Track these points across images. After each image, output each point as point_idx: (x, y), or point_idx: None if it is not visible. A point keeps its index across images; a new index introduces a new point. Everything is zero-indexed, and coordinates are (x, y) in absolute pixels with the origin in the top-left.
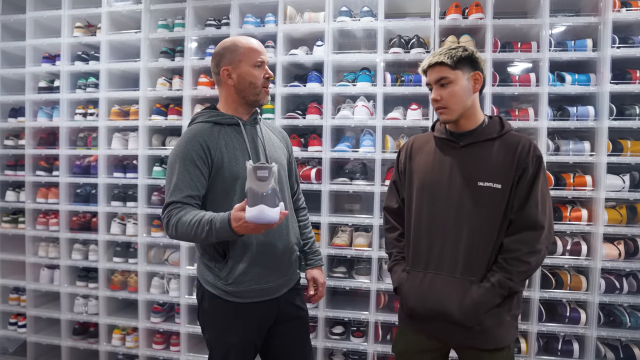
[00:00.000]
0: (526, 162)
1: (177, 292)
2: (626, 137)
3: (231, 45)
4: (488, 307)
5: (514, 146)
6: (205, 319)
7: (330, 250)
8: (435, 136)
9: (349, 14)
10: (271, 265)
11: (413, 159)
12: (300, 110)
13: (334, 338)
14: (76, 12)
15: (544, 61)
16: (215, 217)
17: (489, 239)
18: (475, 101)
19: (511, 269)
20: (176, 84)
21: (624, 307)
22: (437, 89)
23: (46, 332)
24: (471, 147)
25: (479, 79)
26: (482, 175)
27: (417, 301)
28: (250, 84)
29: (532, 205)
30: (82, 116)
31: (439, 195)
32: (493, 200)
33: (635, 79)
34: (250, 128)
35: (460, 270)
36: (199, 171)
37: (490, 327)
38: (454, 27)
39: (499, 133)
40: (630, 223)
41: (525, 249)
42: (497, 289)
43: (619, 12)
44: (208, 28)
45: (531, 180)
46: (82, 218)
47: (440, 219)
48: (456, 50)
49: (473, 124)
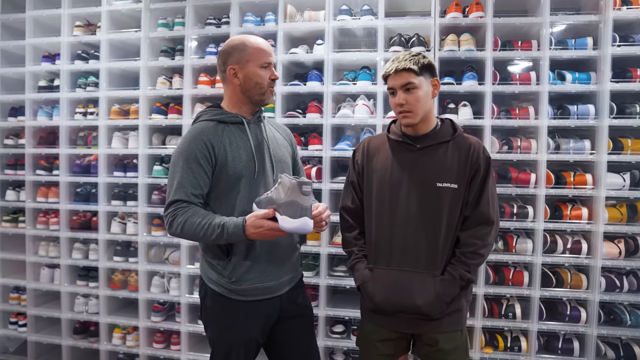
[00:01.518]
0: (478, 163)
1: (177, 291)
2: (627, 135)
3: (239, 44)
4: (450, 298)
5: (466, 148)
6: (207, 317)
7: (331, 249)
8: (391, 138)
9: (349, 13)
10: (274, 263)
11: (371, 160)
12: (300, 109)
13: (334, 337)
14: (76, 11)
15: (545, 60)
16: (228, 222)
17: (448, 235)
18: (432, 106)
19: (469, 262)
20: (176, 83)
21: (624, 305)
22: (402, 93)
23: (47, 331)
24: (427, 149)
25: (437, 85)
26: (440, 176)
27: (383, 297)
28: (257, 84)
29: (484, 202)
30: (82, 115)
31: (399, 195)
32: (451, 199)
33: (636, 78)
34: (254, 126)
35: (424, 265)
36: (203, 170)
37: (450, 312)
38: (454, 26)
39: (451, 136)
40: (631, 221)
41: (480, 243)
42: (458, 281)
43: (620, 10)
44: (208, 27)
45: (482, 180)
46: (82, 217)
47: (401, 218)
48: (419, 57)
49: (428, 127)
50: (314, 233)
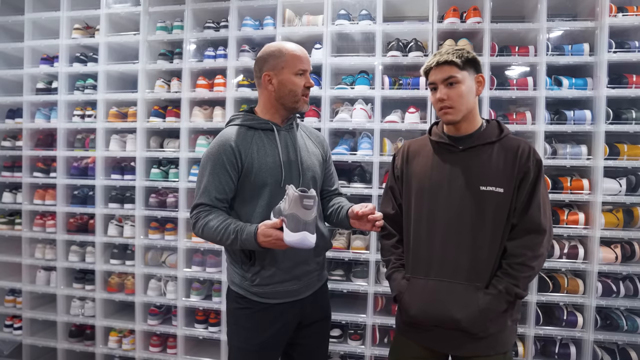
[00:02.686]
0: (527, 166)
1: (174, 294)
2: (623, 141)
3: (275, 51)
4: (494, 314)
5: (514, 150)
6: (231, 319)
7: (328, 253)
8: (432, 140)
9: (347, 17)
10: (297, 267)
11: (410, 163)
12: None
13: (331, 341)
14: (75, 13)
15: (542, 65)
16: (242, 228)
17: (493, 244)
18: (476, 104)
19: (517, 274)
20: (174, 86)
21: (621, 310)
22: (443, 88)
23: (42, 334)
24: (471, 151)
25: (482, 82)
26: (484, 179)
27: (419, 309)
28: (290, 91)
29: (535, 209)
30: (80, 118)
31: (439, 200)
32: (496, 204)
33: (632, 84)
34: (285, 133)
35: (465, 276)
36: (228, 175)
37: (493, 333)
38: (452, 31)
39: (498, 137)
40: (627, 226)
41: (530, 254)
42: (504, 295)
43: (615, 17)
44: (207, 30)
45: (532, 184)
46: (79, 220)
47: (441, 224)
48: (462, 51)
49: (472, 128)
50: None
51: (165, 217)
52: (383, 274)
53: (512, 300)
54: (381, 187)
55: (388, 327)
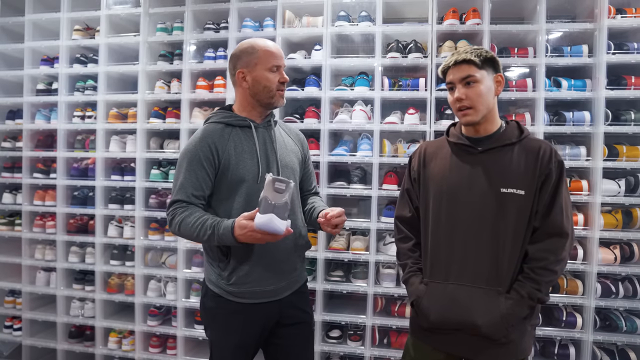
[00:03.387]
0: (549, 168)
1: (174, 295)
2: (622, 142)
3: (248, 48)
4: (516, 320)
5: (535, 151)
6: (207, 318)
7: (328, 254)
8: (450, 141)
9: (347, 19)
10: (274, 267)
11: (427, 166)
12: (298, 114)
13: (330, 342)
14: (75, 14)
15: (541, 66)
16: (219, 223)
17: (515, 247)
18: (495, 104)
19: (539, 279)
20: (174, 87)
21: (620, 311)
22: (462, 87)
23: (42, 335)
24: (490, 152)
25: (501, 82)
26: (504, 181)
27: (438, 314)
28: (265, 87)
29: (557, 211)
30: (80, 119)
31: (458, 203)
32: (517, 206)
33: (630, 85)
34: (263, 130)
35: (486, 280)
36: (205, 172)
37: (514, 339)
38: (451, 33)
39: (518, 138)
40: (626, 228)
41: (552, 258)
42: (527, 300)
43: (614, 18)
44: (207, 32)
45: (555, 186)
46: (79, 221)
47: (461, 227)
48: (481, 50)
49: (492, 129)
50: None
51: (165, 218)
52: (382, 275)
53: (534, 305)
54: (381, 188)
55: (387, 328)
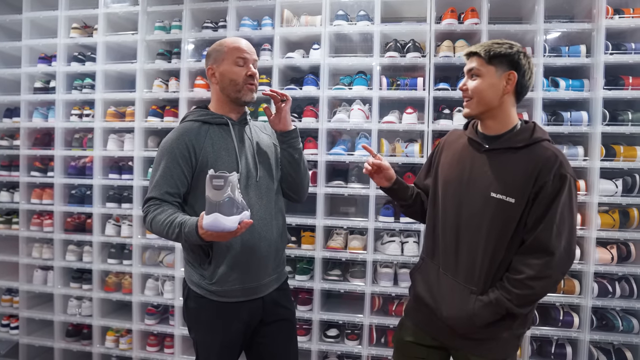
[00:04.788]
0: (545, 180)
1: (171, 294)
2: (619, 142)
3: (217, 45)
4: (483, 322)
5: (537, 160)
6: (190, 319)
7: (325, 253)
8: (466, 134)
9: (345, 18)
10: (255, 265)
11: (442, 154)
12: (296, 113)
13: (328, 341)
14: (73, 13)
15: (539, 66)
16: (186, 221)
17: (494, 253)
18: (505, 103)
19: (512, 290)
20: (172, 86)
21: (617, 311)
22: (467, 78)
23: (39, 333)
24: (493, 153)
25: (512, 80)
26: (496, 186)
27: (425, 290)
28: (231, 81)
29: (546, 227)
30: (78, 117)
31: (452, 196)
32: (504, 214)
33: (628, 85)
34: (240, 128)
35: (463, 277)
36: (181, 170)
37: (484, 338)
38: (449, 32)
39: (526, 142)
40: (623, 227)
41: (530, 273)
42: (494, 306)
43: (612, 19)
44: (205, 30)
45: (549, 200)
46: (76, 219)
47: (451, 221)
48: (498, 45)
49: (502, 128)
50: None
51: None
52: (380, 274)
53: (503, 313)
54: (379, 187)
55: (385, 327)
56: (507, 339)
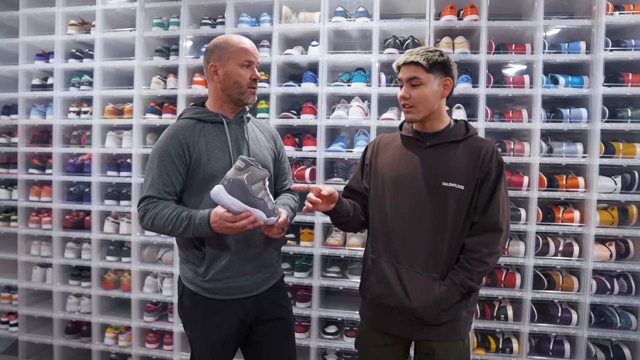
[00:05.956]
0: (489, 167)
1: (170, 291)
2: (618, 139)
3: (222, 43)
4: (449, 305)
5: (478, 150)
6: (185, 316)
7: (324, 250)
8: (402, 135)
9: (344, 14)
10: (249, 262)
11: (379, 156)
12: (294, 110)
13: (327, 337)
14: (70, 9)
15: (538, 63)
16: (195, 213)
17: (451, 238)
18: (441, 106)
19: (472, 269)
20: (171, 83)
21: (615, 307)
22: (407, 87)
23: (38, 331)
24: (437, 147)
25: (449, 85)
26: (446, 175)
27: (381, 292)
28: (236, 82)
29: (494, 208)
30: (76, 114)
31: (403, 191)
32: (457, 200)
33: (628, 82)
34: (235, 126)
35: (423, 267)
36: (176, 168)
37: (446, 321)
38: (448, 28)
39: (463, 136)
40: (622, 224)
41: (486, 250)
42: (459, 287)
43: (612, 15)
44: (203, 27)
45: (494, 184)
46: (75, 216)
47: (405, 215)
48: (433, 54)
49: (439, 126)
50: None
51: None
52: None
53: (465, 292)
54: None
55: None
56: (465, 317)
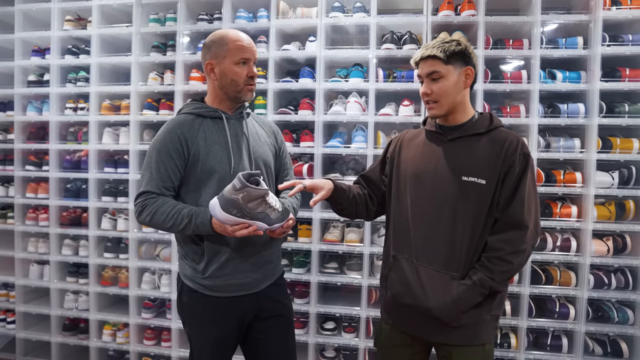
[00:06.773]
0: (512, 159)
1: (168, 287)
2: (615, 134)
3: (219, 39)
4: (468, 305)
5: (501, 142)
6: (184, 313)
7: (322, 246)
8: (425, 129)
9: (341, 10)
10: (249, 260)
11: (402, 151)
12: (292, 106)
13: (325, 333)
14: (66, 5)
15: (536, 58)
16: (197, 211)
17: (472, 236)
18: (465, 96)
19: (494, 268)
20: (168, 79)
21: (612, 302)
22: (427, 82)
23: (36, 328)
24: (458, 141)
25: (471, 75)
26: (466, 169)
27: (400, 290)
28: (232, 81)
29: (517, 203)
30: (73, 110)
31: (423, 186)
32: (477, 196)
33: (625, 77)
34: (235, 122)
35: (442, 264)
36: (174, 163)
37: (467, 324)
38: (446, 24)
39: (487, 128)
40: (619, 219)
41: (509, 249)
42: (479, 287)
43: (609, 10)
44: (200, 23)
45: (517, 178)
46: (72, 213)
47: (425, 211)
48: (449, 44)
49: (462, 119)
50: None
51: None
52: (377, 267)
53: (487, 292)
54: None
55: None
56: (488, 321)
